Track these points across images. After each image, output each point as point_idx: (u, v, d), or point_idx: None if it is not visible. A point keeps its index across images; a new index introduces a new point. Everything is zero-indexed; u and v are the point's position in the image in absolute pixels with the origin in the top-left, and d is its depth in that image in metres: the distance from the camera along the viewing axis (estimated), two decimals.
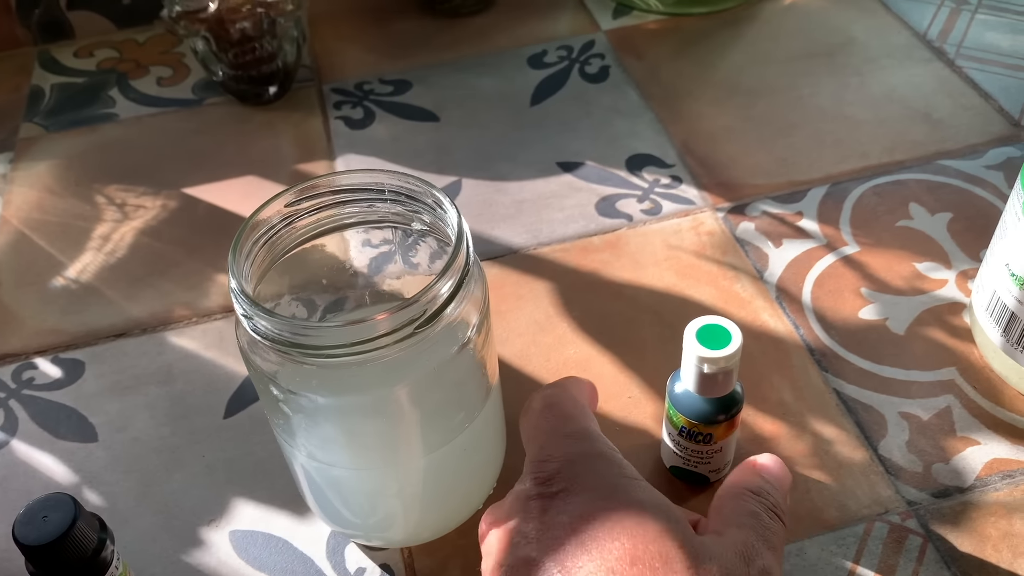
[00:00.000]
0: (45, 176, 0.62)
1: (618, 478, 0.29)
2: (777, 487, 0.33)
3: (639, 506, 0.28)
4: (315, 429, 0.34)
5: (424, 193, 0.35)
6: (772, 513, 0.32)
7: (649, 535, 0.27)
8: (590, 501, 0.28)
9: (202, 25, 0.62)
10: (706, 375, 0.35)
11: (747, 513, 0.31)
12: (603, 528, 0.27)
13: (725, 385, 0.35)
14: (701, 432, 0.37)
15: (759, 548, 0.30)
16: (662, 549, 0.27)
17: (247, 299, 0.31)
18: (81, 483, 0.44)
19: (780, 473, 0.34)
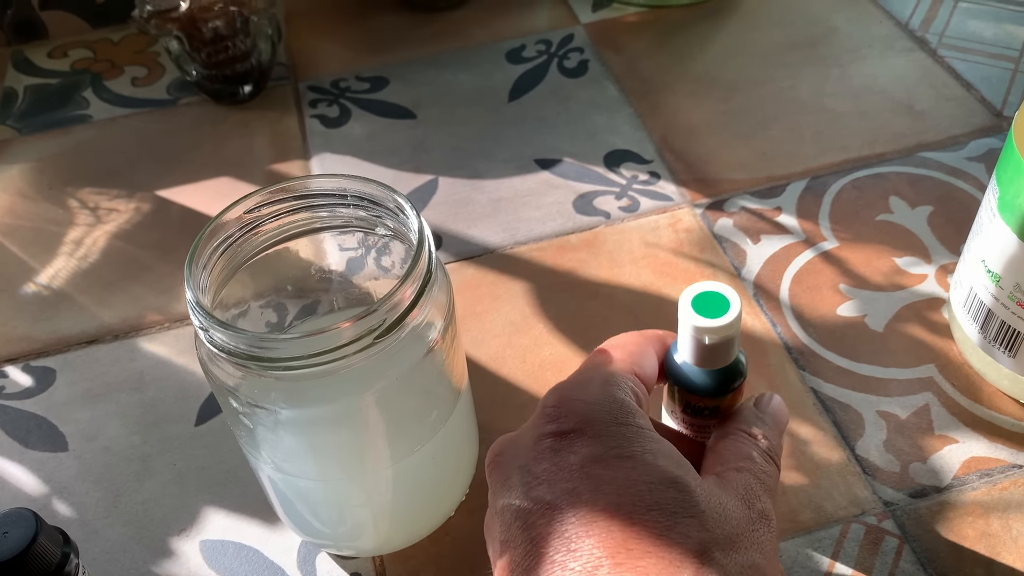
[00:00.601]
0: (17, 180, 0.61)
1: (629, 425, 0.29)
2: (773, 428, 0.33)
3: (651, 454, 0.28)
4: (279, 441, 0.34)
5: (386, 198, 0.35)
6: (767, 456, 0.31)
7: (664, 483, 0.27)
8: (602, 445, 0.28)
9: (174, 24, 0.61)
10: (707, 347, 0.32)
11: (744, 456, 0.31)
12: (617, 474, 0.27)
13: (727, 355, 0.33)
14: (707, 407, 0.34)
15: (758, 491, 0.29)
16: (676, 495, 0.26)
17: (203, 311, 0.30)
18: (50, 494, 0.43)
19: (777, 413, 0.33)
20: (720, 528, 0.26)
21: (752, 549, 0.27)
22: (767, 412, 0.33)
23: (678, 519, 0.26)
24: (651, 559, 0.25)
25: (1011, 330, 0.40)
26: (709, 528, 0.26)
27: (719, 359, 0.33)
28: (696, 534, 0.26)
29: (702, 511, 0.27)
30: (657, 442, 0.29)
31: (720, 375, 0.33)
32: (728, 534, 0.27)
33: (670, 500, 0.26)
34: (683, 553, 0.25)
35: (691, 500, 0.27)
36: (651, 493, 0.26)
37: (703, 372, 0.33)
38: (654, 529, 0.26)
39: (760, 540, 0.27)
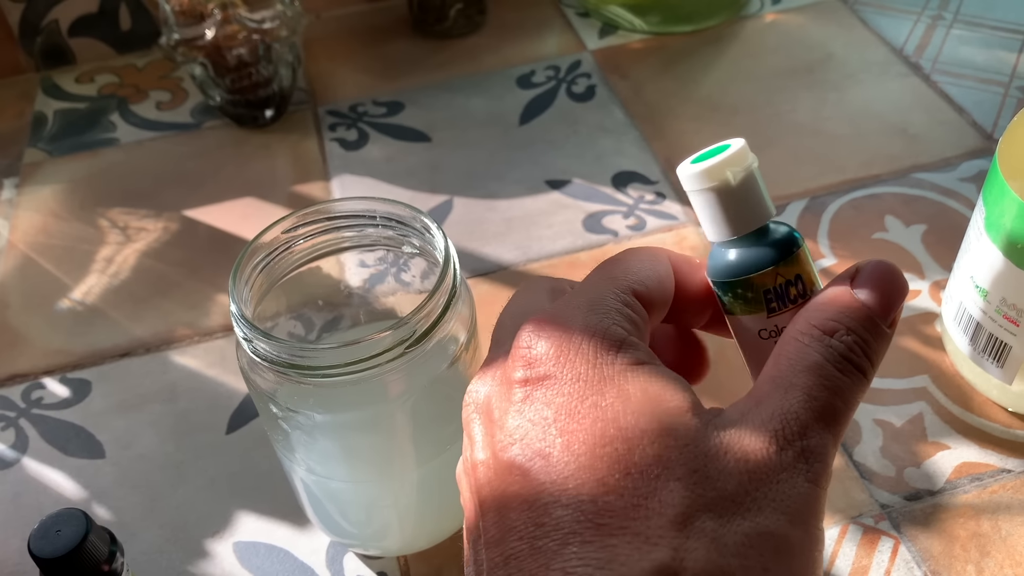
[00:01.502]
0: (50, 200, 0.64)
1: (614, 364, 0.23)
2: (867, 317, 0.23)
3: (637, 400, 0.22)
4: (313, 445, 0.36)
5: (413, 218, 0.37)
6: (845, 362, 0.23)
7: (647, 436, 0.22)
8: (579, 393, 0.23)
9: (200, 52, 0.64)
10: (720, 200, 0.25)
11: (804, 369, 0.23)
12: (593, 429, 0.22)
13: (756, 203, 0.25)
14: (790, 280, 0.25)
15: (805, 421, 0.22)
16: (662, 452, 0.21)
17: (247, 323, 0.33)
18: (90, 498, 0.46)
19: (881, 293, 0.24)
20: (717, 486, 0.21)
21: (768, 509, 0.21)
22: (860, 287, 0.24)
23: (660, 483, 0.21)
24: (624, 536, 0.20)
25: (999, 342, 0.43)
26: (701, 489, 0.21)
27: (748, 210, 0.25)
28: (680, 500, 0.21)
29: (694, 469, 0.21)
30: (647, 379, 0.23)
31: (756, 240, 0.25)
32: (730, 492, 0.21)
33: (651, 459, 0.21)
34: (662, 526, 0.21)
35: (680, 456, 0.21)
36: (629, 452, 0.21)
37: (737, 245, 0.25)
38: (631, 498, 0.21)
39: (785, 495, 0.21)
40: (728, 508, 0.21)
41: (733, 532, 0.21)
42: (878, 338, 0.23)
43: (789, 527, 0.21)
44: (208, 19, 0.62)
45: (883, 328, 0.24)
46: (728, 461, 0.21)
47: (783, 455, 0.21)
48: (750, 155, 0.25)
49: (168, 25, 0.63)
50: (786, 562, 0.21)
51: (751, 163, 0.25)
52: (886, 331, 0.24)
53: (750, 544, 0.21)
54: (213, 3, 0.62)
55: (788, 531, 0.21)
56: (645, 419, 0.22)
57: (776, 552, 0.21)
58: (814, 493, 0.22)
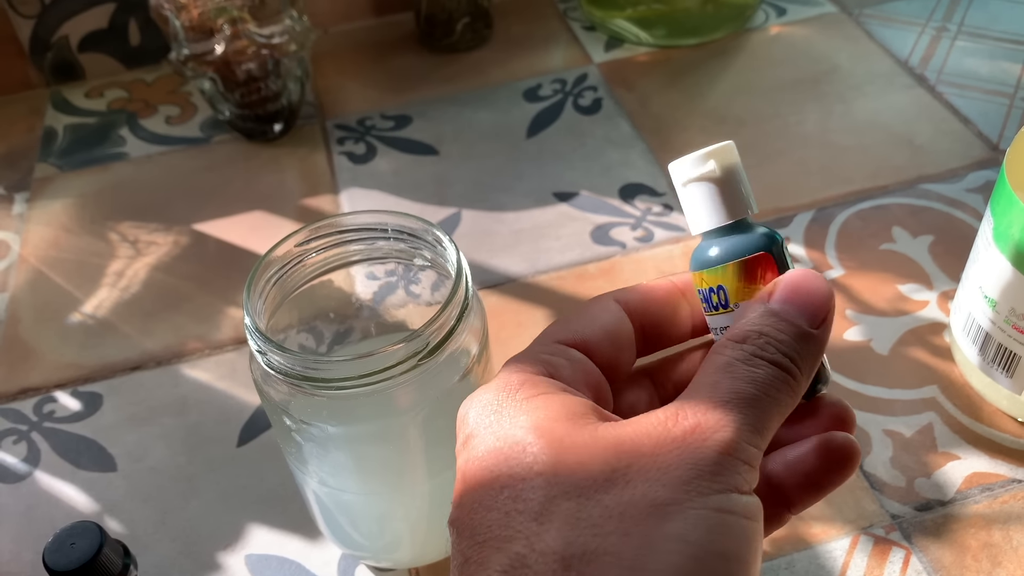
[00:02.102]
0: (60, 215, 0.64)
1: (511, 405, 0.24)
2: (780, 319, 0.24)
3: (521, 426, 0.23)
4: (326, 456, 0.36)
5: (424, 231, 0.37)
6: (755, 359, 0.23)
7: (523, 449, 0.23)
8: (482, 443, 0.24)
9: (209, 67, 0.64)
10: (692, 187, 0.26)
11: (712, 370, 0.23)
12: (484, 463, 0.23)
13: (732, 197, 0.26)
14: (712, 288, 0.26)
15: (700, 404, 0.22)
16: (531, 460, 0.22)
17: (261, 336, 0.33)
18: (103, 511, 0.46)
19: (796, 296, 0.24)
20: (580, 472, 0.22)
21: (642, 481, 0.21)
22: (775, 298, 0.24)
23: (526, 484, 0.22)
24: (495, 543, 0.22)
25: (1008, 352, 0.43)
26: (562, 477, 0.22)
27: (725, 202, 0.26)
28: (541, 494, 0.22)
29: (556, 462, 0.22)
30: (536, 407, 0.24)
31: (727, 233, 0.26)
32: (595, 473, 0.22)
33: (522, 468, 0.22)
34: (522, 522, 0.22)
35: (547, 457, 0.22)
36: (507, 469, 0.23)
37: (707, 238, 0.27)
38: (504, 510, 0.22)
39: (668, 465, 0.21)
40: (590, 488, 0.21)
41: (592, 507, 0.21)
42: (799, 338, 0.24)
43: (663, 494, 0.21)
44: (217, 34, 0.63)
45: (803, 328, 0.24)
46: (599, 448, 0.22)
47: (670, 432, 0.22)
48: (727, 152, 0.26)
49: (178, 40, 0.64)
50: (656, 525, 0.21)
51: (729, 164, 0.26)
52: (811, 332, 0.24)
53: (609, 515, 0.21)
54: (223, 19, 0.63)
55: (661, 497, 0.21)
56: (524, 436, 0.23)
57: (643, 517, 0.21)
58: (703, 461, 0.21)
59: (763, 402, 0.23)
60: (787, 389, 0.23)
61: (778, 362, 0.23)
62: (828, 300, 0.24)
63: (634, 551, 0.20)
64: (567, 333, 0.27)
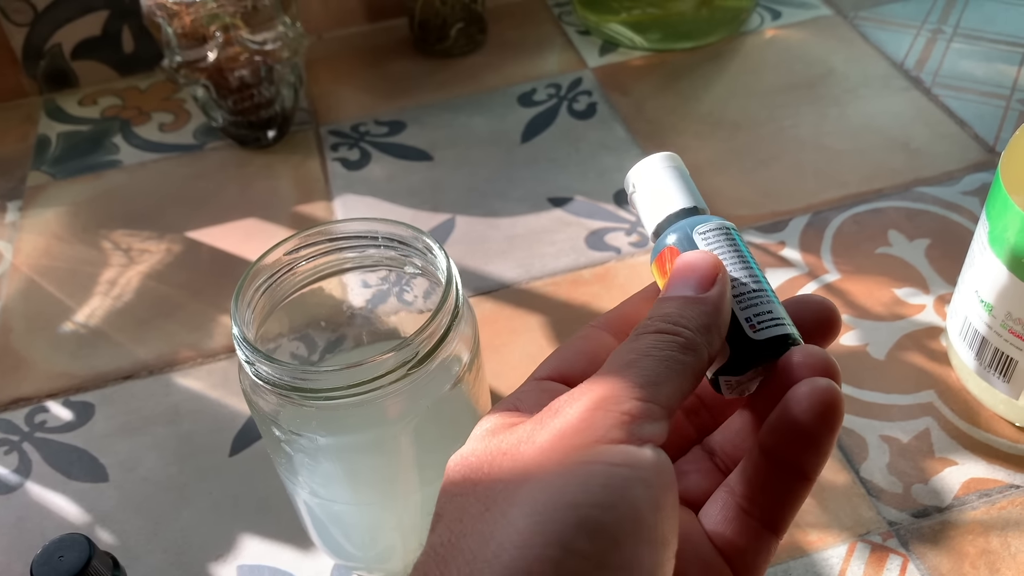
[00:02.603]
0: (53, 223, 0.64)
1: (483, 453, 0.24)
2: (669, 298, 0.24)
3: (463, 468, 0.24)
4: (316, 467, 0.36)
5: (415, 239, 0.37)
6: (640, 336, 0.23)
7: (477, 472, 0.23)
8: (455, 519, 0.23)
9: (202, 74, 0.64)
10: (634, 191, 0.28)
11: (615, 357, 0.24)
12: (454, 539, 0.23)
13: (665, 194, 0.27)
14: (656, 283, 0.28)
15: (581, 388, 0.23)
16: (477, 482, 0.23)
17: (249, 346, 0.33)
18: (94, 522, 0.46)
19: (681, 273, 0.25)
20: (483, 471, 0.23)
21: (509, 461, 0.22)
22: (665, 287, 0.25)
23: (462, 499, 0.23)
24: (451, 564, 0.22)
25: (1005, 357, 0.42)
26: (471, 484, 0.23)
27: (656, 203, 0.27)
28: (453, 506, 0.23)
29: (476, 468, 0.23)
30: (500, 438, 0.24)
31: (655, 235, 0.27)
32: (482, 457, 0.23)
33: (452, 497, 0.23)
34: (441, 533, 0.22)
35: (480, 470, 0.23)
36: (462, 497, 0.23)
37: (656, 232, 0.28)
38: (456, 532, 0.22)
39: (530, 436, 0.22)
40: (517, 480, 0.21)
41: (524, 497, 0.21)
42: (683, 305, 0.24)
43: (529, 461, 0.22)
44: (210, 41, 0.63)
45: (689, 295, 0.24)
46: (525, 443, 0.22)
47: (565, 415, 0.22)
48: (663, 158, 0.28)
49: (171, 48, 0.64)
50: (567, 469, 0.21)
51: (655, 164, 0.28)
52: (695, 296, 0.24)
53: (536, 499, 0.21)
54: (215, 25, 0.62)
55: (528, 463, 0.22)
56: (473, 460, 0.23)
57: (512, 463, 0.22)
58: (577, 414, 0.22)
59: (642, 361, 0.23)
60: (674, 346, 0.23)
61: (660, 329, 0.23)
62: (709, 266, 0.24)
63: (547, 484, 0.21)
64: (545, 369, 0.27)
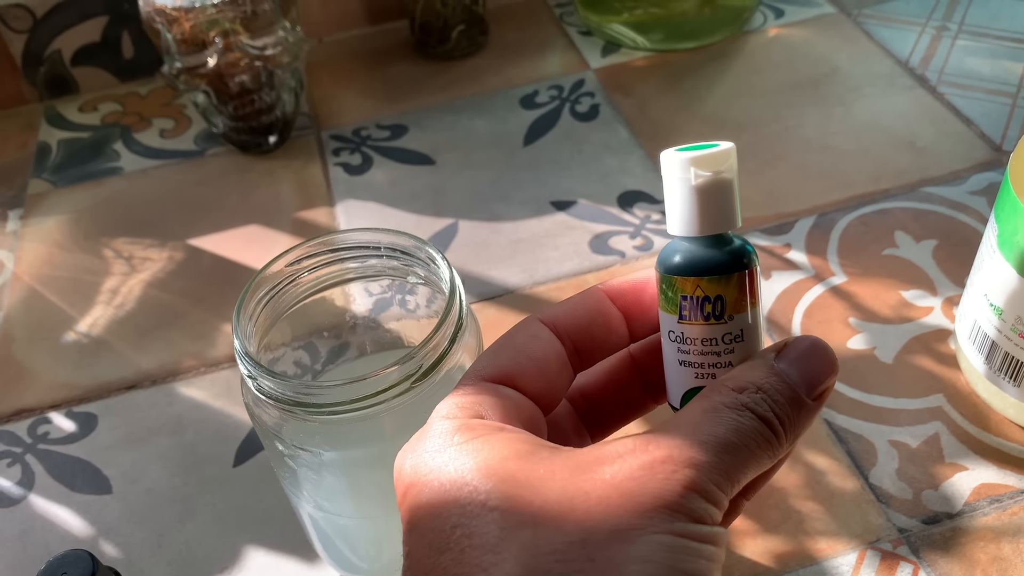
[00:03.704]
0: (54, 231, 0.64)
1: (447, 449, 0.24)
2: (781, 381, 0.23)
3: (471, 469, 0.23)
4: (320, 482, 0.36)
5: (417, 249, 0.37)
6: (744, 409, 0.23)
7: (477, 494, 0.22)
8: (420, 492, 0.24)
9: (202, 80, 0.64)
10: (698, 189, 0.24)
11: (700, 410, 0.23)
12: (431, 517, 0.23)
13: (726, 207, 0.25)
14: (708, 297, 0.25)
15: (671, 443, 0.22)
16: (485, 500, 0.22)
17: (251, 360, 0.33)
18: (97, 535, 0.45)
19: (803, 364, 0.24)
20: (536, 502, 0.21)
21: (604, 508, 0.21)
22: (782, 359, 0.24)
23: (478, 520, 0.22)
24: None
25: (1015, 361, 0.42)
26: (517, 509, 0.22)
27: (718, 212, 0.25)
28: (495, 528, 0.22)
29: (510, 495, 0.22)
30: (473, 447, 0.23)
31: (721, 244, 0.25)
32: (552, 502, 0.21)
33: (474, 506, 0.22)
34: (478, 555, 0.21)
35: (497, 491, 0.22)
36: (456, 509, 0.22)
37: (700, 244, 0.25)
38: (457, 549, 0.22)
39: (631, 491, 0.21)
40: (548, 517, 0.21)
41: (552, 534, 0.21)
42: (793, 404, 0.23)
43: (625, 519, 0.21)
44: (210, 47, 0.62)
45: (802, 397, 0.24)
46: (556, 479, 0.22)
47: (638, 457, 0.22)
48: (734, 158, 0.25)
49: (170, 53, 0.63)
50: (619, 549, 0.20)
51: (729, 172, 0.25)
52: (807, 401, 0.24)
53: (571, 541, 0.21)
54: (215, 31, 0.62)
55: (624, 523, 0.21)
56: (472, 478, 0.23)
57: (606, 542, 0.21)
58: (668, 490, 0.21)
59: (741, 452, 0.22)
60: (767, 446, 0.23)
61: (767, 419, 0.23)
62: (832, 374, 0.24)
63: (599, 575, 0.20)
64: (493, 369, 0.26)
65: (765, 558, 0.41)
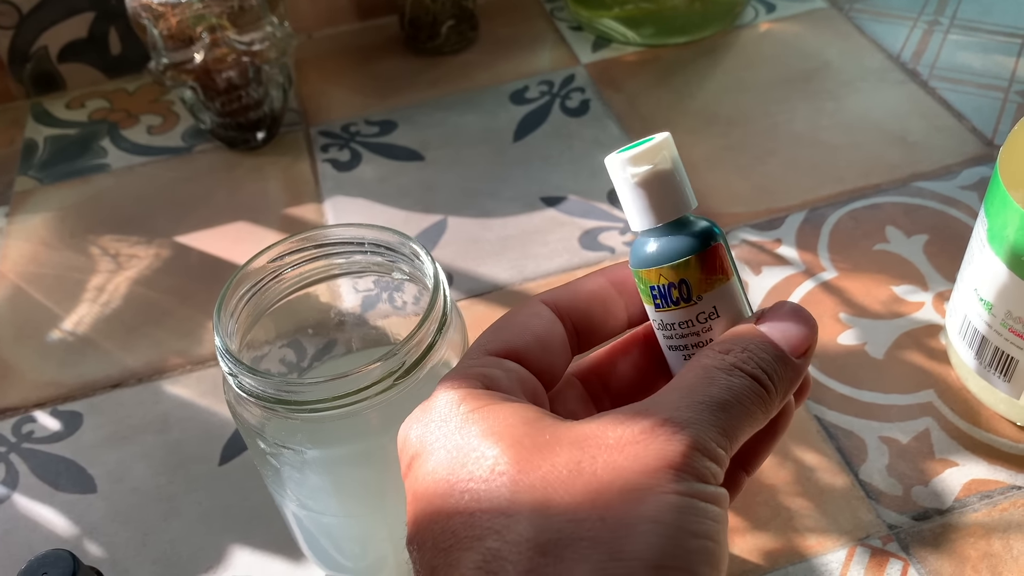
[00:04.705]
0: (40, 229, 0.63)
1: (456, 418, 0.24)
2: (765, 340, 0.24)
3: (478, 437, 0.23)
4: (304, 480, 0.35)
5: (401, 245, 0.36)
6: (734, 368, 0.24)
7: (484, 461, 0.23)
8: (433, 460, 0.24)
9: (189, 76, 0.63)
10: (640, 184, 0.25)
11: (692, 375, 0.24)
12: (440, 486, 0.23)
13: (672, 194, 0.25)
14: (673, 283, 0.26)
15: (672, 406, 0.23)
16: (494, 465, 0.22)
17: (232, 358, 0.32)
18: (82, 535, 0.45)
19: (785, 324, 0.25)
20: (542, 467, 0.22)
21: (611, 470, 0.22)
22: (764, 322, 0.25)
23: (489, 484, 0.22)
24: (460, 547, 0.22)
25: (1005, 356, 0.42)
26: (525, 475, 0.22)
27: (667, 201, 0.25)
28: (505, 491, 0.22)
29: (517, 459, 0.22)
30: (485, 418, 0.24)
31: (678, 229, 0.26)
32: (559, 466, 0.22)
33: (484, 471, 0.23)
34: (490, 519, 0.22)
35: (502, 458, 0.23)
36: (465, 475, 0.23)
37: (658, 232, 0.26)
38: (466, 514, 0.22)
39: (636, 454, 0.22)
40: (558, 480, 0.22)
41: (563, 495, 0.21)
42: (780, 361, 0.24)
43: (634, 479, 0.21)
44: (197, 42, 0.62)
45: (787, 355, 0.25)
46: (563, 444, 0.22)
47: (638, 423, 0.22)
48: (669, 147, 0.26)
49: (157, 49, 0.63)
50: (630, 508, 0.21)
51: (666, 162, 0.25)
52: (793, 360, 0.25)
53: (581, 502, 0.21)
54: (201, 26, 0.61)
55: (632, 483, 0.21)
56: (479, 444, 0.23)
57: (616, 502, 0.21)
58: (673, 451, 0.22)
59: (735, 409, 0.23)
60: (760, 402, 0.24)
61: (757, 376, 0.24)
62: (813, 333, 0.25)
63: (611, 534, 0.21)
64: (498, 344, 0.27)
65: (754, 555, 0.41)
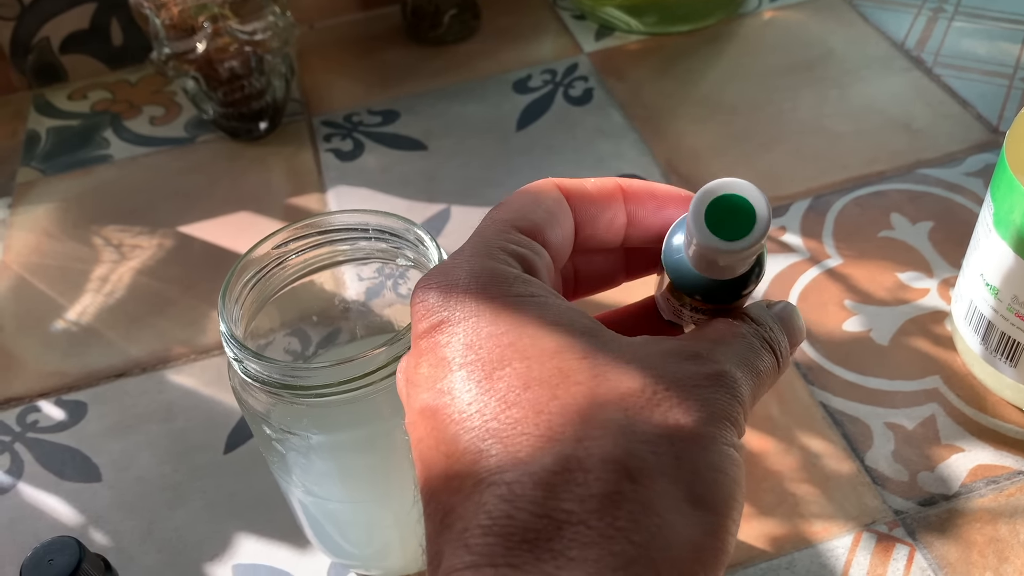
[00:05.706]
0: (43, 220, 0.63)
1: (505, 297, 0.23)
2: (782, 330, 0.26)
3: (534, 324, 0.23)
4: (309, 466, 0.35)
5: (406, 231, 0.36)
6: (766, 343, 0.25)
7: (546, 353, 0.22)
8: (473, 328, 0.23)
9: (191, 66, 0.63)
10: (719, 266, 0.24)
11: (731, 333, 0.24)
12: (491, 356, 0.22)
13: (742, 268, 0.25)
14: (709, 309, 0.26)
15: (728, 359, 0.23)
16: (561, 364, 0.22)
17: (237, 343, 0.32)
18: (87, 523, 0.45)
19: (787, 318, 0.26)
20: (623, 387, 0.21)
21: (682, 410, 0.21)
22: (780, 316, 0.26)
23: (561, 389, 0.21)
24: (528, 440, 0.21)
25: (1011, 341, 0.42)
26: (604, 389, 0.21)
27: (730, 273, 0.25)
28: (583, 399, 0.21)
29: (595, 374, 0.22)
30: (540, 308, 0.23)
31: (728, 283, 0.25)
32: (637, 390, 0.21)
33: (551, 371, 0.22)
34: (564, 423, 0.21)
35: (580, 365, 0.22)
36: (528, 369, 0.22)
37: (707, 279, 0.25)
38: (532, 407, 0.21)
39: (704, 399, 0.22)
40: (635, 405, 0.21)
41: (643, 423, 0.21)
42: (791, 348, 0.26)
43: (703, 426, 0.21)
44: (199, 32, 0.62)
45: (793, 350, 0.27)
46: (632, 365, 0.22)
47: (701, 367, 0.22)
48: (761, 243, 0.24)
49: (159, 40, 0.63)
50: (699, 454, 0.21)
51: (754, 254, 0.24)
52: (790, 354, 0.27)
53: (659, 435, 0.21)
54: (204, 16, 0.61)
55: (702, 429, 0.21)
56: (543, 339, 0.22)
57: (688, 445, 0.21)
58: (732, 405, 0.22)
59: (763, 377, 0.24)
60: (775, 376, 0.25)
61: (779, 355, 0.25)
62: (802, 335, 0.27)
63: (687, 476, 0.21)
64: (526, 222, 0.25)
65: (760, 541, 0.41)
